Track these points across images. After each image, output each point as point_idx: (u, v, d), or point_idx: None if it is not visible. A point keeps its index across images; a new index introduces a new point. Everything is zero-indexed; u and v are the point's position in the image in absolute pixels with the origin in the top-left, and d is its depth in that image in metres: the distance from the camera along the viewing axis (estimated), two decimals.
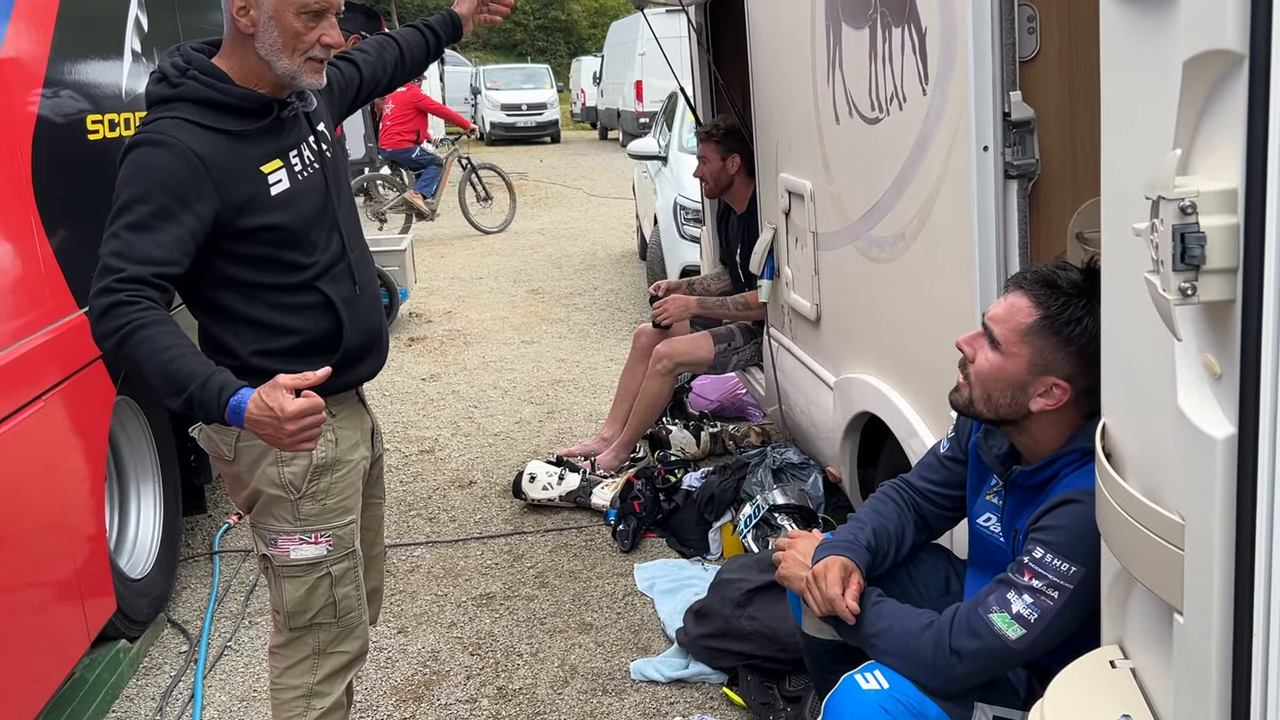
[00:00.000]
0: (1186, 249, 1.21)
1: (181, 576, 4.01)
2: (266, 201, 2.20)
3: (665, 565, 3.97)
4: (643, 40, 18.74)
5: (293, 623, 2.36)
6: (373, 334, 2.43)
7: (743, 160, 4.73)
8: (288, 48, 2.17)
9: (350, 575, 2.40)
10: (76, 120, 3.27)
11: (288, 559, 2.33)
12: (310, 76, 2.23)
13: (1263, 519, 1.22)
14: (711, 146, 4.75)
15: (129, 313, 1.97)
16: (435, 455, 5.33)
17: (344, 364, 2.33)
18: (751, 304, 4.64)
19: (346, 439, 2.39)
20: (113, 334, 1.98)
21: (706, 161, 4.79)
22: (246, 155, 2.19)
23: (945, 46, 2.53)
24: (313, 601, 2.35)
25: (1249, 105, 1.16)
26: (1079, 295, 1.95)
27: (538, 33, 46.06)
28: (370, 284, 2.44)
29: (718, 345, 4.77)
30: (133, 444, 3.75)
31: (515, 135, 26.52)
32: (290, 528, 2.32)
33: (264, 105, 2.22)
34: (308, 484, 2.30)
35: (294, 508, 2.30)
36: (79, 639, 3.02)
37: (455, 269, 10.43)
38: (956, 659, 1.95)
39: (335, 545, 2.35)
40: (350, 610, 2.41)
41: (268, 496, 2.30)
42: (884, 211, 3.00)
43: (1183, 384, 1.32)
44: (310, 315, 2.29)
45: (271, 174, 2.21)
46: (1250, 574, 1.24)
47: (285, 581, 2.34)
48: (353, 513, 2.40)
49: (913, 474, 2.43)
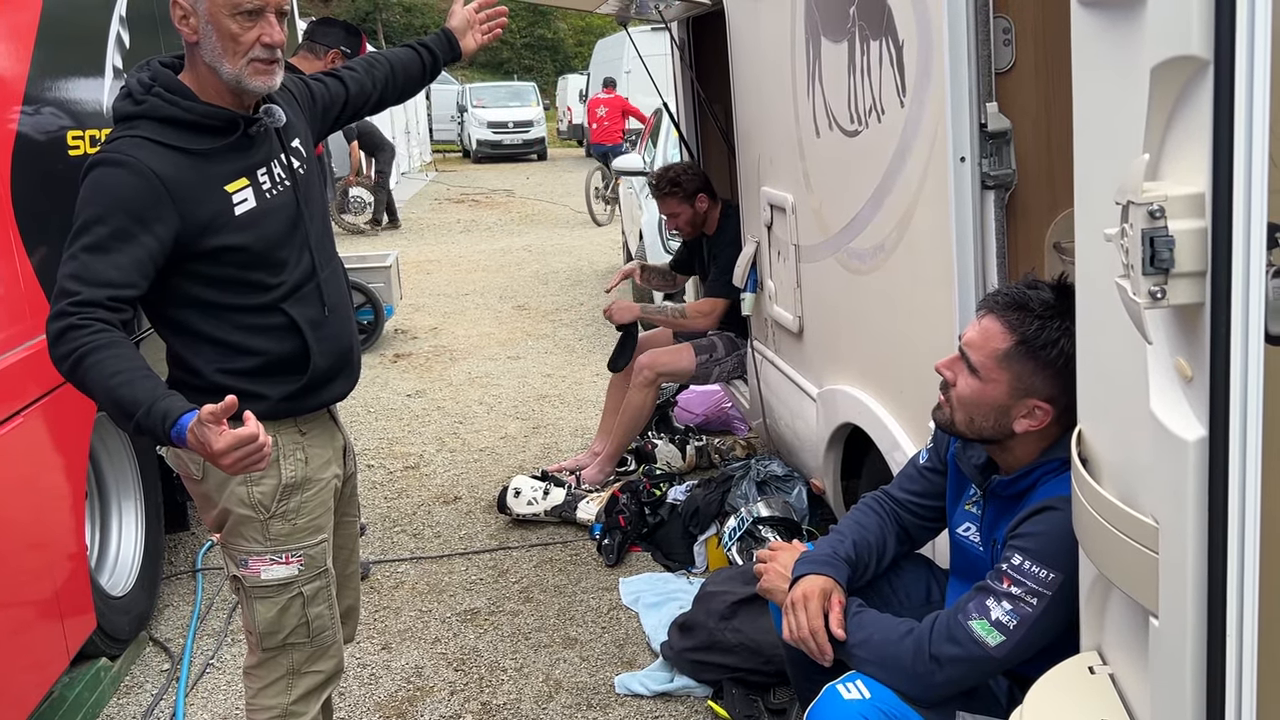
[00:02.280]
0: (1156, 253, 1.22)
1: (164, 594, 3.98)
2: (230, 222, 2.14)
3: (650, 579, 3.96)
4: (628, 58, 18.80)
5: (266, 643, 2.34)
6: (342, 355, 2.37)
7: (705, 189, 4.80)
8: (228, 51, 2.11)
9: (323, 594, 2.37)
10: (57, 137, 3.26)
11: (259, 579, 2.30)
12: (256, 79, 2.14)
13: (1234, 520, 1.23)
14: (674, 200, 4.81)
15: (80, 337, 1.94)
16: (420, 471, 5.31)
17: (312, 386, 2.29)
18: (689, 314, 4.76)
19: (317, 457, 2.35)
20: (65, 358, 1.96)
21: (677, 215, 4.84)
22: (210, 174, 2.14)
23: (922, 59, 2.55)
24: (285, 622, 2.32)
25: (1214, 110, 1.18)
26: (1053, 316, 1.94)
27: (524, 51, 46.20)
28: (341, 305, 2.39)
29: (699, 356, 4.78)
30: (114, 461, 3.73)
31: (502, 153, 26.59)
32: (260, 548, 2.29)
33: (229, 122, 2.17)
34: (277, 503, 2.27)
35: (264, 527, 2.28)
36: (58, 657, 2.99)
37: (441, 285, 10.43)
38: (936, 666, 1.94)
39: (307, 565, 2.33)
40: (324, 630, 2.38)
41: (237, 516, 2.27)
42: (864, 223, 3.01)
43: (1155, 388, 1.33)
44: (275, 337, 2.24)
45: (236, 193, 2.16)
46: (1223, 575, 1.25)
47: (257, 602, 2.32)
48: (324, 531, 2.36)
49: (893, 485, 2.43)
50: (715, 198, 4.87)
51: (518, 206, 17.02)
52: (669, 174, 4.82)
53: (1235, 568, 1.24)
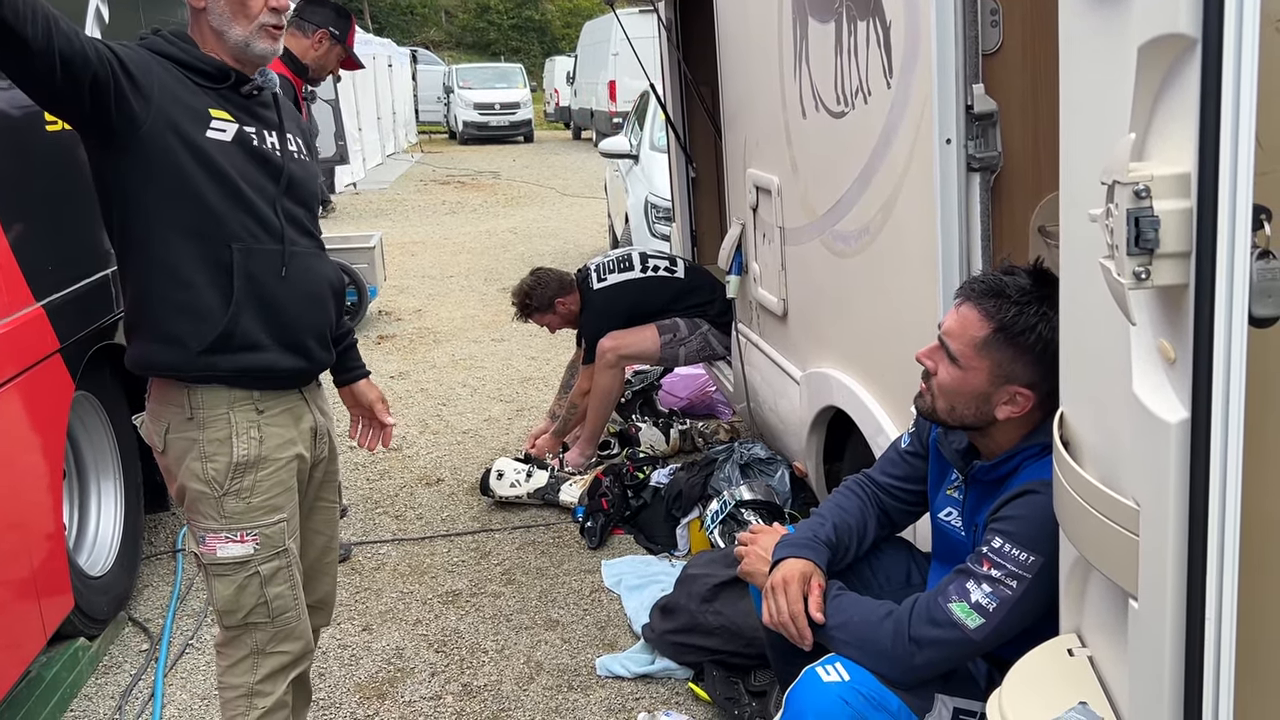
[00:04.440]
0: (1140, 233, 1.21)
1: (143, 574, 3.96)
2: (199, 135, 2.16)
3: (632, 562, 3.96)
4: (616, 40, 18.74)
5: (225, 621, 2.33)
6: (286, 328, 2.29)
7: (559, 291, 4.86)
8: (237, 15, 2.20)
9: (282, 575, 2.35)
10: (33, 113, 3.21)
11: (215, 557, 2.29)
12: (263, 42, 2.24)
13: (1215, 503, 1.22)
14: (539, 315, 4.91)
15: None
16: (403, 453, 5.29)
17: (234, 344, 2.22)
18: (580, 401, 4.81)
19: (275, 437, 2.31)
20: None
21: (549, 324, 4.96)
22: (196, 94, 2.19)
23: (909, 39, 2.53)
24: (243, 601, 2.31)
25: (1201, 89, 1.16)
26: (1030, 302, 1.94)
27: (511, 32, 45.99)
28: (307, 283, 2.33)
29: (663, 337, 4.76)
30: (93, 440, 3.69)
31: (488, 135, 26.46)
32: (216, 525, 2.28)
33: (221, 70, 2.23)
34: (230, 480, 2.26)
35: (218, 504, 2.27)
36: (34, 637, 2.97)
37: (425, 267, 10.38)
38: (916, 648, 1.94)
39: (263, 544, 2.31)
40: (285, 610, 2.36)
41: (193, 492, 2.28)
42: (849, 205, 3.00)
43: (1137, 369, 1.32)
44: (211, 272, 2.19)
45: (216, 120, 2.20)
46: (1203, 558, 1.24)
47: (215, 580, 2.31)
48: (281, 511, 2.33)
49: (875, 469, 2.43)
50: (572, 287, 4.91)
51: (504, 189, 16.94)
52: (521, 296, 4.91)
53: (1215, 550, 1.24)
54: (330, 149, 13.46)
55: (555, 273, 4.99)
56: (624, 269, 4.91)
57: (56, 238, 3.22)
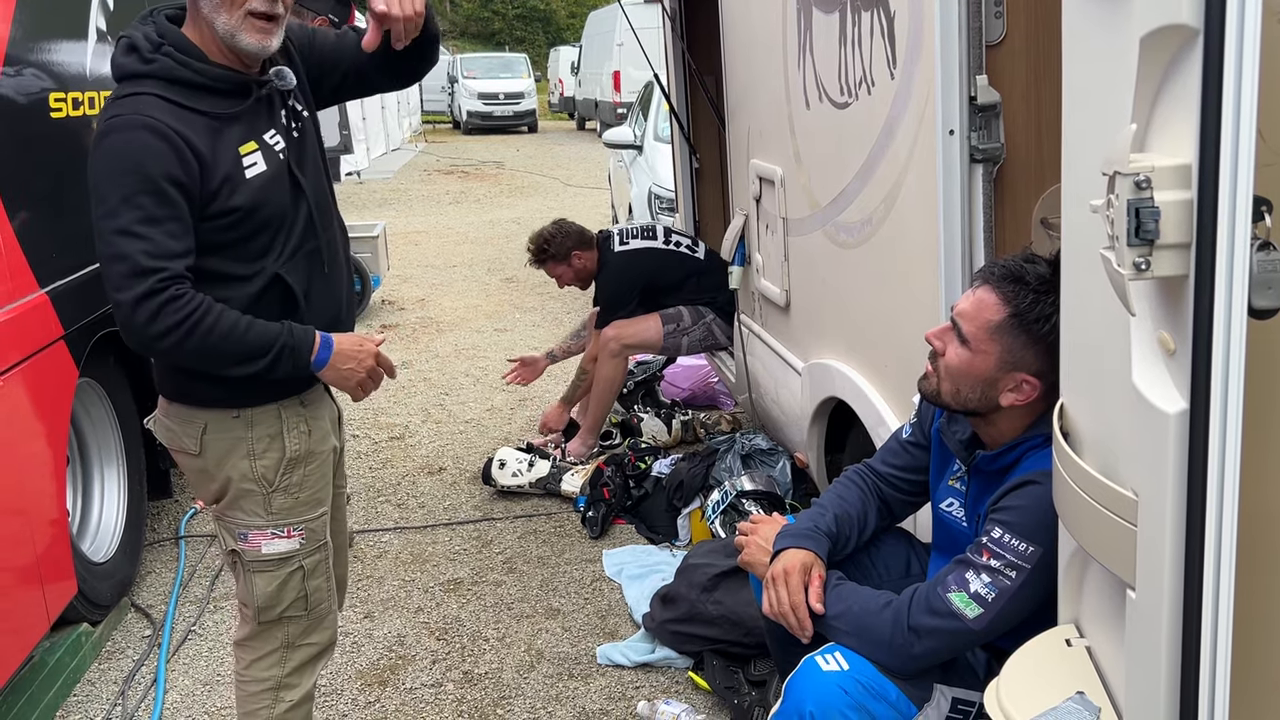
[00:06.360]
0: (1141, 224, 1.21)
1: (146, 561, 3.97)
2: (242, 184, 2.09)
3: (634, 551, 3.97)
4: (620, 30, 18.70)
5: (262, 616, 2.31)
6: (332, 320, 2.28)
7: (579, 245, 4.88)
8: (224, 3, 2.04)
9: (322, 567, 2.35)
10: (39, 99, 3.22)
11: (259, 554, 2.26)
12: (251, 35, 2.06)
13: (1213, 494, 1.23)
14: (552, 264, 4.92)
15: (184, 307, 1.98)
16: (405, 442, 5.30)
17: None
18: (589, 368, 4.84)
19: (318, 429, 2.31)
20: (175, 329, 1.97)
21: (561, 275, 4.95)
22: (225, 136, 2.08)
23: (913, 30, 2.53)
24: (284, 595, 2.29)
25: (1203, 80, 1.16)
26: (1047, 291, 1.93)
27: (516, 22, 45.91)
28: (337, 267, 2.31)
29: (666, 326, 4.77)
30: (97, 427, 3.71)
31: (492, 124, 26.43)
32: (262, 522, 2.25)
33: (240, 85, 2.12)
34: (281, 477, 2.24)
35: (266, 501, 2.24)
36: (38, 622, 2.98)
37: (429, 257, 10.39)
38: (915, 637, 1.95)
39: (308, 538, 2.30)
40: (321, 602, 2.36)
41: (238, 490, 2.23)
42: (852, 196, 3.00)
43: (1137, 360, 1.32)
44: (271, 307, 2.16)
45: (248, 155, 2.11)
46: (1201, 549, 1.25)
47: (256, 576, 2.28)
48: (324, 505, 2.34)
49: (876, 459, 2.43)
50: (591, 243, 4.93)
51: (507, 179, 16.93)
52: (539, 241, 4.92)
53: (1213, 541, 1.24)
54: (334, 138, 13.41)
55: (577, 226, 5.01)
56: (647, 238, 4.92)
57: (60, 224, 3.22)
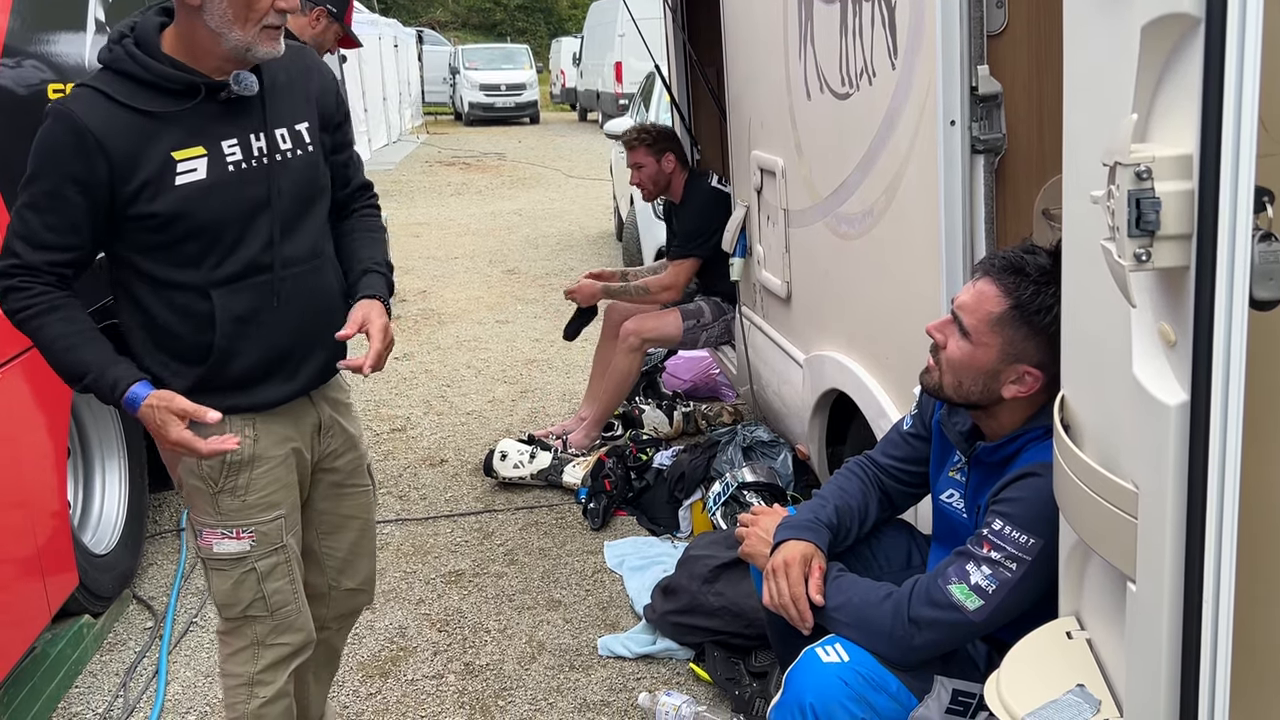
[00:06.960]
0: (1142, 214, 1.20)
1: (148, 553, 3.98)
2: (167, 190, 2.04)
3: (635, 543, 3.97)
4: (622, 21, 18.65)
5: (225, 614, 2.32)
6: (277, 359, 2.22)
7: (676, 153, 4.82)
8: (239, 17, 2.00)
9: (280, 570, 2.31)
10: (37, 90, 3.21)
11: (212, 552, 2.27)
12: (266, 45, 2.05)
13: (1214, 486, 1.22)
14: (643, 151, 4.82)
15: (22, 300, 2.03)
16: (407, 434, 5.31)
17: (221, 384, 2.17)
18: (651, 289, 4.77)
19: (270, 434, 2.25)
20: (13, 316, 2.06)
21: (642, 167, 4.85)
22: (157, 136, 2.03)
23: (914, 20, 2.52)
24: (240, 595, 2.28)
25: (1204, 70, 1.15)
26: (1048, 282, 1.92)
27: (517, 13, 45.78)
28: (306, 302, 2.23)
29: (686, 322, 4.77)
30: (98, 419, 3.71)
31: (494, 116, 26.37)
32: (212, 521, 2.25)
33: (188, 86, 2.05)
34: (224, 479, 2.22)
35: (214, 501, 2.23)
36: (39, 613, 2.99)
37: (431, 249, 10.38)
38: (915, 629, 1.95)
39: (259, 541, 2.27)
40: (284, 604, 2.33)
41: (189, 486, 2.24)
42: (853, 188, 2.99)
43: (1138, 352, 1.32)
44: (196, 323, 2.14)
45: (184, 161, 2.05)
46: (1201, 541, 1.24)
47: (212, 574, 2.29)
48: (279, 508, 2.28)
49: (876, 450, 2.42)
50: (687, 166, 4.91)
51: (509, 170, 16.90)
52: (641, 129, 4.88)
53: (1213, 534, 1.23)
54: None
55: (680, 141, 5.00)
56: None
57: None
